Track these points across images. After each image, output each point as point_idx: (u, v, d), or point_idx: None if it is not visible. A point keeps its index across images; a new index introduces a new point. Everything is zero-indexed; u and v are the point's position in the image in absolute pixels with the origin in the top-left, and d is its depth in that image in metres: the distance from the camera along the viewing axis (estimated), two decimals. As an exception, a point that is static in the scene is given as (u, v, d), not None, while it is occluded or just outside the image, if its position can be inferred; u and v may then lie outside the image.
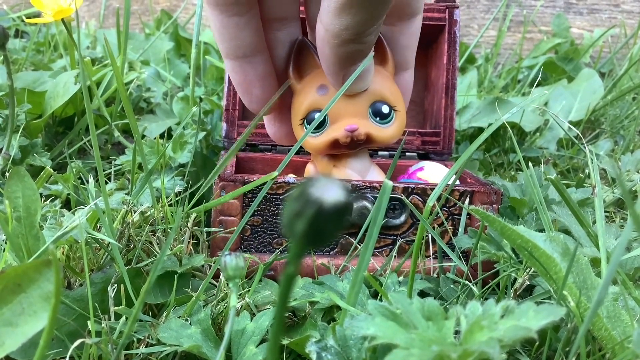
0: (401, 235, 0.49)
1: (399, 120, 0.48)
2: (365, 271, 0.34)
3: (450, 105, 0.64)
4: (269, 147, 0.66)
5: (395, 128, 0.47)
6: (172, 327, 0.37)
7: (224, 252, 0.35)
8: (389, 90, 0.46)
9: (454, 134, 0.65)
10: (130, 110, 0.45)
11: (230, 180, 0.47)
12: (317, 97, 0.46)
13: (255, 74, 0.43)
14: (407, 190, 0.48)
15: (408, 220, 0.49)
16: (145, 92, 0.88)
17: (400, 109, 0.47)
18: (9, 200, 0.39)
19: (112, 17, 1.50)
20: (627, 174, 0.70)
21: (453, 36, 0.64)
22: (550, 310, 0.27)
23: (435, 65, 0.68)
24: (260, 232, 0.49)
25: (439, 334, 0.29)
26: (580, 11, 1.32)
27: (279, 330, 0.19)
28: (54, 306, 0.25)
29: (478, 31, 1.33)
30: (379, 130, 0.47)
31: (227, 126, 0.64)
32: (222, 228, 0.48)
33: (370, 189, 0.48)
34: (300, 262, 0.17)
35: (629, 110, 0.97)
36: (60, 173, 0.59)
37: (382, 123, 0.47)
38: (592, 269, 0.37)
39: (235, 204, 0.48)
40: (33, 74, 0.77)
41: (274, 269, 0.48)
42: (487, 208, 0.48)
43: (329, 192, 0.16)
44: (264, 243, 0.49)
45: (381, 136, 0.47)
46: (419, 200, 0.48)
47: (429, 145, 0.65)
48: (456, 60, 0.64)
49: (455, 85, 0.64)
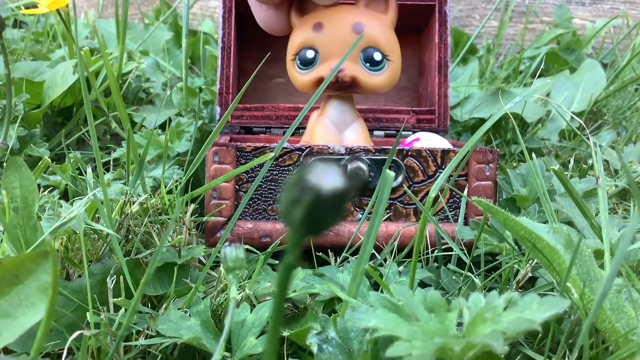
0: (397, 199, 0.49)
1: (391, 70, 0.47)
2: (367, 264, 0.34)
3: (443, 83, 0.64)
4: (264, 129, 0.66)
5: (385, 77, 0.47)
6: (171, 318, 0.37)
7: (222, 241, 0.35)
8: (384, 38, 0.46)
9: (449, 110, 0.65)
10: (121, 101, 0.44)
11: (223, 145, 0.47)
12: (311, 34, 0.46)
13: None
14: (402, 152, 0.48)
15: (404, 183, 0.48)
16: (145, 83, 0.87)
17: (394, 59, 0.47)
18: (7, 191, 0.38)
19: (111, 7, 1.49)
20: (630, 165, 0.70)
21: (444, 15, 0.65)
22: (554, 302, 0.27)
23: (428, 48, 0.68)
24: (254, 198, 0.48)
25: (442, 326, 0.29)
26: (583, 2, 1.31)
27: (278, 319, 0.18)
28: (51, 297, 0.25)
29: (480, 22, 1.32)
30: (368, 76, 0.46)
31: (220, 110, 0.64)
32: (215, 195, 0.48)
33: (365, 152, 0.48)
34: (300, 251, 0.17)
35: (632, 102, 0.96)
36: (59, 164, 0.58)
37: (372, 70, 0.47)
38: (596, 260, 0.37)
39: (228, 169, 0.48)
40: (31, 64, 0.77)
41: (269, 235, 0.48)
42: (483, 168, 0.48)
43: (326, 178, 0.15)
44: (258, 210, 0.49)
45: (369, 82, 0.47)
46: (414, 163, 0.48)
47: (424, 123, 0.65)
48: (448, 39, 0.64)
49: (447, 64, 0.64)
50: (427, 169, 0.49)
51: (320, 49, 0.46)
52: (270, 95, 0.72)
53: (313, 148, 0.47)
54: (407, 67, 0.72)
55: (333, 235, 0.48)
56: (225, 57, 0.64)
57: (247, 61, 0.72)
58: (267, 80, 0.72)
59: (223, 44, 0.64)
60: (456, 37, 1.22)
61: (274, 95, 0.72)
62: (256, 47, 0.71)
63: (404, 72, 0.72)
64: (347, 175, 0.13)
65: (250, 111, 0.65)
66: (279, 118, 0.65)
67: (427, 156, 0.48)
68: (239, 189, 0.49)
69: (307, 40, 0.46)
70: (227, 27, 0.64)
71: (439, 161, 0.48)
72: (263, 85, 0.72)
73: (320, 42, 0.46)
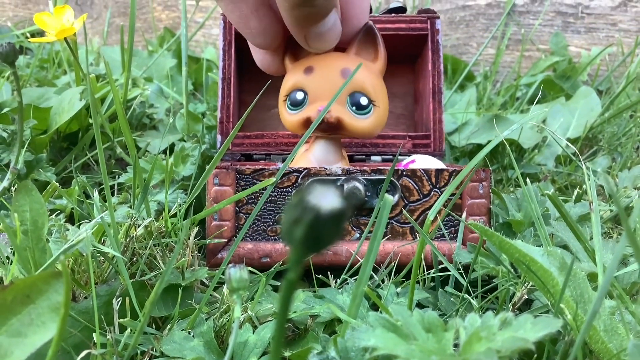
0: (394, 219, 0.50)
1: (377, 116, 0.48)
2: (366, 285, 0.35)
3: (438, 108, 0.66)
4: (264, 156, 0.67)
5: (371, 121, 0.48)
6: (175, 339, 0.38)
7: (226, 262, 0.36)
8: (371, 84, 0.47)
9: (444, 135, 0.66)
10: (127, 127, 0.45)
11: (223, 167, 0.49)
12: (302, 77, 0.47)
13: (248, 7, 0.43)
14: (397, 172, 0.50)
15: (400, 202, 0.50)
16: (149, 109, 0.89)
17: (380, 105, 0.48)
18: (17, 214, 0.39)
19: (115, 34, 1.52)
20: (625, 191, 0.71)
21: (436, 44, 0.67)
22: (547, 322, 0.28)
23: (422, 76, 0.70)
24: (254, 219, 0.49)
25: (439, 345, 0.29)
26: (578, 30, 1.33)
27: (280, 336, 0.19)
28: (62, 317, 0.26)
29: (477, 49, 1.34)
30: (353, 119, 0.48)
31: (221, 138, 0.65)
32: (216, 217, 0.49)
33: (361, 172, 0.49)
34: (300, 269, 0.18)
35: (627, 128, 0.98)
36: (64, 188, 0.60)
37: (358, 113, 0.48)
38: (590, 283, 0.37)
39: (229, 192, 0.49)
40: (38, 90, 0.78)
41: (269, 256, 0.49)
42: (477, 186, 0.49)
43: (325, 199, 0.16)
44: (258, 231, 0.50)
45: (354, 125, 0.48)
46: (409, 182, 0.49)
47: (420, 148, 0.67)
48: (440, 66, 0.67)
49: (441, 90, 0.66)
50: (422, 188, 0.50)
51: (309, 91, 0.47)
52: (270, 124, 0.74)
53: (311, 169, 0.49)
54: (403, 95, 0.74)
55: (332, 254, 0.50)
56: (226, 87, 0.66)
57: (247, 93, 0.74)
58: (267, 111, 0.74)
59: (224, 75, 0.66)
60: (454, 65, 1.24)
61: (273, 125, 0.74)
62: (255, 79, 0.72)
63: (400, 99, 0.74)
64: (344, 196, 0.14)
65: (251, 139, 0.67)
66: (278, 145, 0.66)
67: (422, 176, 0.50)
68: (239, 211, 0.50)
69: (297, 83, 0.48)
70: (227, 59, 0.67)
71: (434, 180, 0.50)
72: (262, 116, 0.74)
73: (309, 85, 0.47)
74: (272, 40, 0.46)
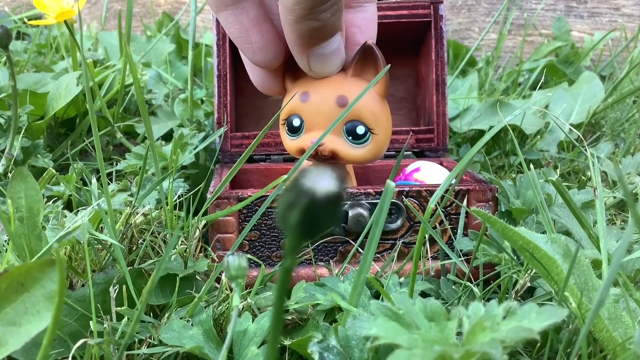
0: (399, 239, 0.49)
1: (375, 144, 0.45)
2: (368, 272, 0.34)
3: (441, 101, 0.64)
4: (264, 157, 0.66)
5: (368, 150, 0.45)
6: (174, 328, 0.37)
7: (227, 255, 0.35)
8: (369, 111, 0.44)
9: (448, 129, 0.65)
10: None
11: (225, 197, 0.47)
12: (298, 102, 0.45)
13: (249, 20, 0.42)
14: (401, 193, 0.48)
15: (405, 224, 0.49)
16: (147, 94, 0.88)
17: (380, 132, 0.45)
18: (12, 201, 0.39)
19: (113, 19, 1.50)
20: (628, 177, 0.71)
21: (439, 31, 0.64)
22: (552, 311, 0.28)
23: (425, 61, 0.68)
24: (258, 246, 0.49)
25: (442, 334, 0.29)
26: (581, 14, 1.32)
27: (277, 324, 0.19)
28: (57, 305, 0.25)
29: (479, 34, 1.33)
30: (349, 148, 0.45)
31: (219, 139, 0.64)
32: (219, 246, 0.48)
33: (365, 195, 0.48)
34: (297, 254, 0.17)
35: (630, 113, 0.97)
36: (62, 174, 0.59)
37: (354, 143, 0.45)
38: (593, 270, 0.37)
39: (232, 221, 0.48)
40: (35, 75, 0.77)
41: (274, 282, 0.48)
42: (483, 206, 0.48)
43: (321, 182, 0.16)
44: (262, 257, 0.49)
45: (349, 155, 0.45)
46: (414, 203, 0.48)
47: (424, 143, 0.65)
48: (444, 56, 0.64)
49: (445, 81, 0.64)
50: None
51: (305, 118, 0.45)
52: (269, 112, 0.72)
53: None
54: (405, 77, 0.72)
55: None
56: (222, 85, 0.63)
57: (243, 80, 0.72)
58: (264, 98, 0.72)
59: (219, 72, 0.63)
60: (455, 50, 1.23)
61: (272, 113, 0.72)
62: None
63: (401, 82, 0.73)
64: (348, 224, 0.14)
65: (250, 139, 0.64)
66: (278, 145, 0.64)
67: (427, 196, 0.48)
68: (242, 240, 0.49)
69: (294, 108, 0.46)
70: (221, 55, 0.64)
71: (439, 200, 0.48)
72: (259, 104, 0.72)
73: (305, 112, 0.45)
74: (273, 58, 0.43)
